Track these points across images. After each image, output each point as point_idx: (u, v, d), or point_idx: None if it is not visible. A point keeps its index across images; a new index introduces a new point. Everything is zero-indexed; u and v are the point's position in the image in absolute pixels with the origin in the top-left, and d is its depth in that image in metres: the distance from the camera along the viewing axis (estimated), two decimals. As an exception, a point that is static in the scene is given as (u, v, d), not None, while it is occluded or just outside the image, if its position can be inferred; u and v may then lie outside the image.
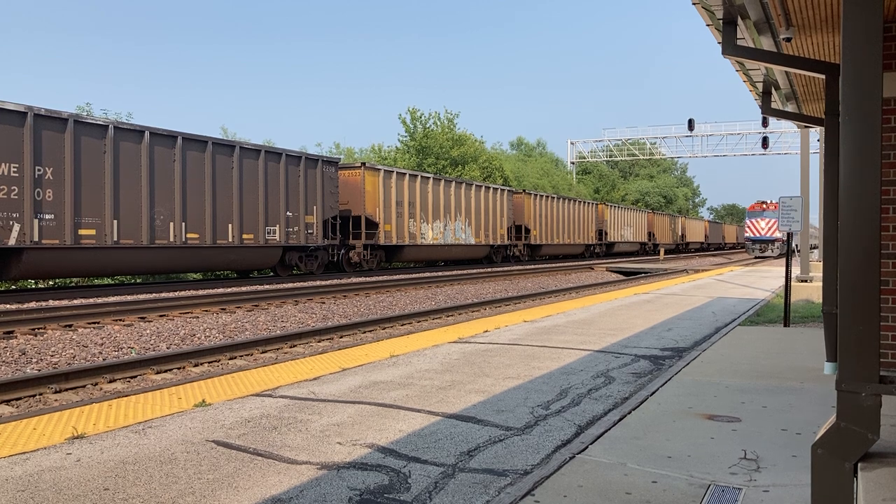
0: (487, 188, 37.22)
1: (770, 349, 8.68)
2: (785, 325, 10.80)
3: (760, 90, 9.33)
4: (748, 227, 55.93)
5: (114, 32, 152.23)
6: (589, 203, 49.92)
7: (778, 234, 51.34)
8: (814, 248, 37.15)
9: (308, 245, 25.24)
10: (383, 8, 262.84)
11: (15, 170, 16.39)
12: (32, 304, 15.08)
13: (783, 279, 11.76)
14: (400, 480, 3.96)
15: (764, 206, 54.25)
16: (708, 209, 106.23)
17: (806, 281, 16.76)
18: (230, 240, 21.99)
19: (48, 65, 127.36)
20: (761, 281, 22.49)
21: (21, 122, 16.52)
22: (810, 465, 3.17)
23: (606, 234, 50.73)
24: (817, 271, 18.79)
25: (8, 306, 14.56)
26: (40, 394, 7.90)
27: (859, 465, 3.07)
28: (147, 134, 19.54)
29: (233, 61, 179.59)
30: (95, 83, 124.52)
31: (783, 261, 53.21)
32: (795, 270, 17.12)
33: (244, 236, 22.48)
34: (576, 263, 41.21)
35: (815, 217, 27.04)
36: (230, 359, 10.20)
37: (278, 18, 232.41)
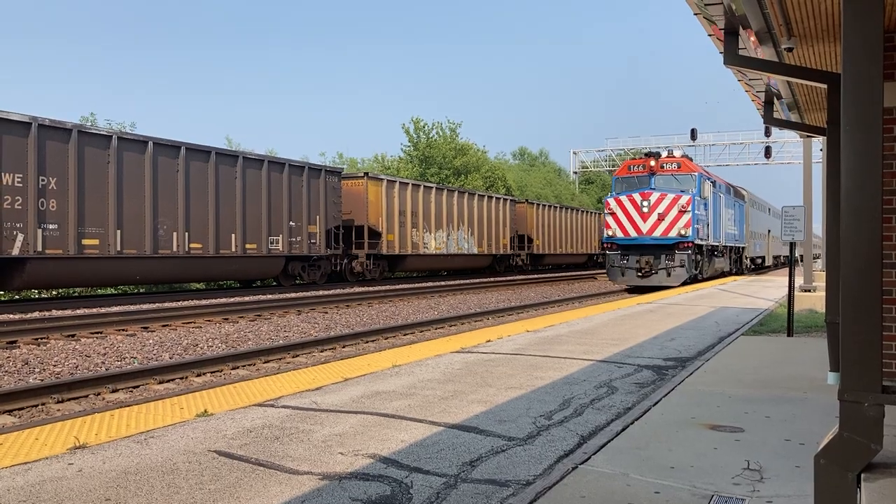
0: (490, 198, 37.26)
1: (773, 359, 8.65)
2: (788, 335, 10.77)
3: (763, 100, 9.34)
4: (609, 215, 26.21)
5: (114, 39, 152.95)
6: (592, 212, 49.92)
7: (685, 232, 24.66)
8: (817, 257, 37.07)
9: (311, 255, 25.26)
10: (385, 17, 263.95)
11: (19, 180, 16.45)
12: (35, 314, 15.10)
13: (786, 289, 11.74)
14: (402, 491, 3.95)
15: (652, 163, 26.05)
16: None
17: (809, 290, 16.73)
18: (233, 250, 22.02)
19: (52, 72, 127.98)
20: (764, 291, 22.45)
21: (25, 132, 16.59)
22: (813, 475, 3.16)
23: (609, 243, 50.58)
24: (820, 281, 18.76)
25: (11, 316, 14.58)
26: (43, 404, 7.90)
27: (862, 475, 3.06)
28: (150, 144, 19.61)
29: (236, 70, 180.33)
30: (98, 91, 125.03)
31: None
32: (799, 280, 17.10)
33: (247, 246, 22.51)
34: (579, 273, 41.20)
35: (818, 226, 26.87)
36: (233, 369, 10.20)
37: (281, 27, 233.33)
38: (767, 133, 43.27)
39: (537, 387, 6.86)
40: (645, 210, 25.04)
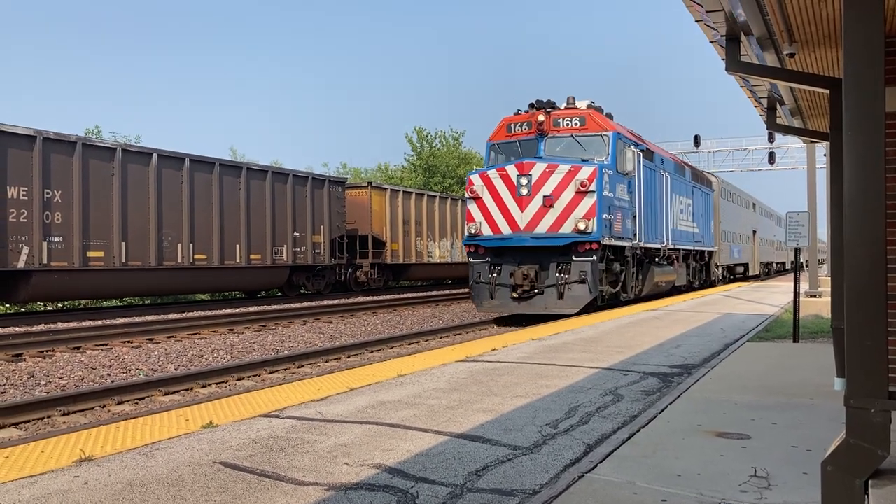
0: (494, 206, 37.22)
1: (779, 365, 8.62)
2: (794, 341, 10.74)
3: (765, 106, 9.34)
4: (472, 200, 16.75)
5: (117, 49, 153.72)
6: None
7: (586, 225, 15.46)
8: (822, 262, 36.86)
9: (315, 265, 25.30)
10: (387, 26, 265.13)
11: (24, 193, 16.52)
12: (41, 327, 15.13)
13: (792, 294, 11.71)
14: (407, 501, 3.94)
15: (541, 118, 16.78)
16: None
17: (815, 296, 16.70)
18: (238, 260, 22.07)
19: (57, 85, 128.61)
20: (770, 297, 22.40)
21: (30, 145, 16.68)
22: (820, 482, 3.15)
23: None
24: (826, 286, 18.72)
25: (17, 329, 14.61)
26: (49, 416, 7.91)
27: (870, 482, 3.05)
28: (155, 156, 19.70)
29: (239, 81, 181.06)
30: (102, 104, 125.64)
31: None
32: (804, 285, 17.06)
33: (252, 257, 22.56)
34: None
35: (823, 231, 26.67)
36: (238, 380, 10.20)
37: (283, 36, 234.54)
38: (771, 139, 42.81)
39: (543, 395, 6.84)
40: (524, 192, 15.90)
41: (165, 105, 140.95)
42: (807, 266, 21.10)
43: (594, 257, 15.80)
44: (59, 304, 21.66)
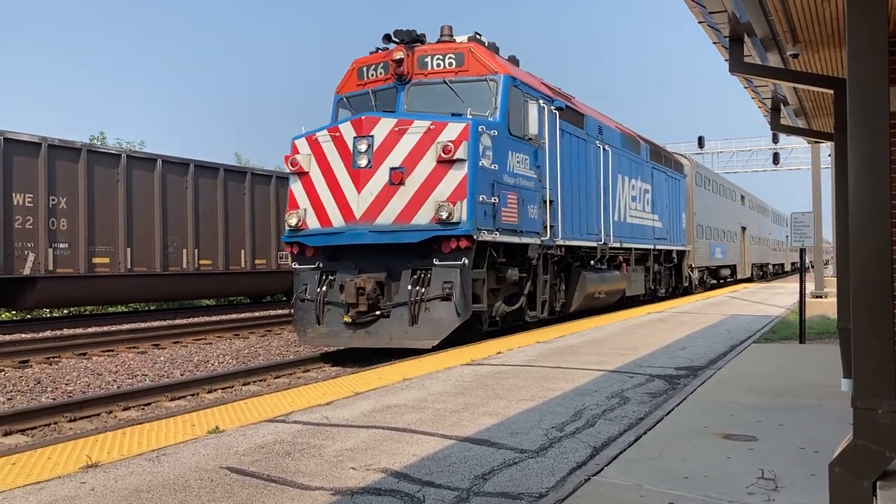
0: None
1: (786, 366, 8.59)
2: (800, 342, 10.70)
3: (769, 106, 9.33)
4: (296, 178, 11.65)
5: (119, 55, 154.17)
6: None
7: (450, 211, 10.33)
8: (827, 263, 36.68)
9: (320, 269, 25.29)
10: (389, 27, 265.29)
11: (29, 200, 16.58)
12: (47, 333, 15.17)
13: (798, 295, 11.68)
14: (414, 505, 3.94)
15: (399, 56, 11.68)
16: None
17: (821, 297, 16.64)
18: (243, 265, 22.10)
19: (61, 88, 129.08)
20: (775, 297, 22.35)
21: (35, 152, 16.75)
22: (828, 483, 3.13)
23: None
24: (832, 287, 18.67)
25: (23, 335, 14.66)
26: (55, 422, 7.93)
27: (878, 483, 3.04)
28: (159, 162, 19.75)
29: (242, 85, 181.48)
30: (106, 108, 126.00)
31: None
32: (810, 286, 17.02)
33: (256, 261, 22.60)
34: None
35: (828, 231, 26.57)
36: (244, 385, 10.21)
37: (286, 40, 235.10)
38: (775, 139, 42.65)
39: (548, 398, 6.83)
40: (362, 163, 11.11)
41: (169, 110, 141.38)
42: (812, 267, 21.05)
43: (465, 260, 10.75)
44: (65, 311, 21.71)
